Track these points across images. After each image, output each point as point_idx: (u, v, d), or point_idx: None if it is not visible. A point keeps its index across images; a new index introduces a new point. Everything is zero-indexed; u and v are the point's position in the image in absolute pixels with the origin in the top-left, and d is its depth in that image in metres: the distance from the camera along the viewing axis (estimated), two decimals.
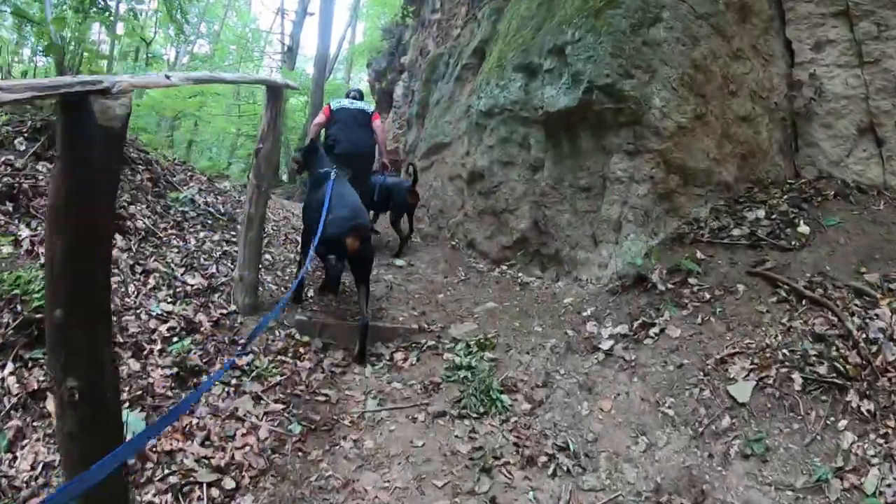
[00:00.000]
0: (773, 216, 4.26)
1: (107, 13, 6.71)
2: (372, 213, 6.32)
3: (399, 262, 5.90)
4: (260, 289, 4.24)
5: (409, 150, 9.10)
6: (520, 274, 5.26)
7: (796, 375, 2.92)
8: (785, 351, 3.06)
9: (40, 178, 4.01)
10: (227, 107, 19.98)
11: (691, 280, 3.82)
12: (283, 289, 4.53)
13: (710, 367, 3.10)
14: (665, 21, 4.39)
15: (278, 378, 3.37)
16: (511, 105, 5.39)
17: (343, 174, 4.39)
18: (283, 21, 19.77)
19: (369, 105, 6.44)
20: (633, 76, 4.30)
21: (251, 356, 3.50)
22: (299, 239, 5.27)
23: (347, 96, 6.38)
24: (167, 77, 1.79)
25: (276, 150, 3.94)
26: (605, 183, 4.62)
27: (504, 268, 5.48)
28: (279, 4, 20.46)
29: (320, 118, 6.09)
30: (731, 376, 3.00)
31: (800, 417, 2.77)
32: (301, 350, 3.74)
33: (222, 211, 5.39)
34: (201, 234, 4.67)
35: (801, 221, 4.11)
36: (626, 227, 4.46)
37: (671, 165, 4.42)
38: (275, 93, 3.80)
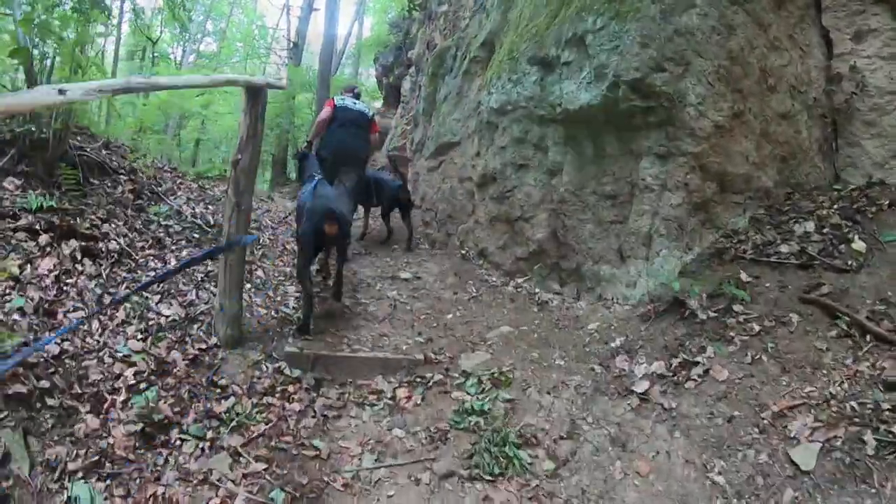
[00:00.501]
0: (825, 230, 3.73)
1: (106, 14, 6.28)
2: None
3: (405, 274, 5.45)
4: (247, 314, 3.82)
5: (415, 148, 8.62)
6: (537, 289, 4.77)
7: (868, 436, 2.40)
8: (853, 403, 2.54)
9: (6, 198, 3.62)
10: (235, 104, 19.61)
11: (736, 307, 3.29)
12: (273, 312, 4.10)
13: (765, 421, 2.58)
14: (698, 7, 3.86)
15: (262, 427, 2.93)
16: (525, 102, 4.87)
17: (324, 179, 4.76)
18: (289, 17, 19.38)
19: (369, 108, 6.38)
20: (664, 69, 3.77)
21: (232, 400, 3.07)
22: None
23: (349, 92, 6.34)
24: (60, 92, 1.31)
25: (257, 161, 3.47)
26: (634, 190, 4.11)
27: (519, 281, 5.00)
28: (284, 0, 20.03)
29: (326, 113, 5.94)
30: (792, 435, 2.49)
31: (874, 490, 2.26)
32: (290, 388, 3.31)
33: (212, 222, 4.96)
34: (184, 252, 4.24)
35: (856, 236, 3.56)
36: (657, 242, 3.96)
37: (708, 171, 3.91)
38: (254, 94, 3.30)
